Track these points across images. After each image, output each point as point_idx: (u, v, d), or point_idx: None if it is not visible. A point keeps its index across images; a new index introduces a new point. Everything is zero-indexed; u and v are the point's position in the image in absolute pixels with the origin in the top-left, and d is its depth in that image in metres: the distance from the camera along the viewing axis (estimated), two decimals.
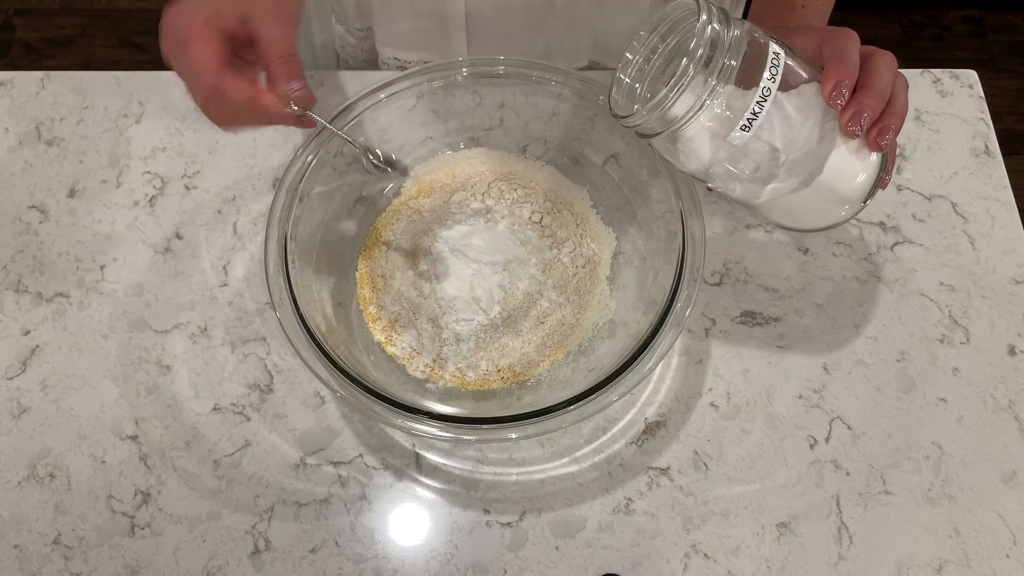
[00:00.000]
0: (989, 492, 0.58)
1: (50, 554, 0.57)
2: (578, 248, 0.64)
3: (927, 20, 1.75)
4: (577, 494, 0.58)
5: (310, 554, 0.57)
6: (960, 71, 0.73)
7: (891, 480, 0.59)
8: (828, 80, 0.48)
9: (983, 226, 0.67)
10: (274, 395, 0.61)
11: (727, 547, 0.57)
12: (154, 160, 0.70)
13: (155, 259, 0.66)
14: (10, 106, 0.72)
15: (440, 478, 0.59)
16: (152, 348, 0.63)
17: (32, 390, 0.62)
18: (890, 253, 0.66)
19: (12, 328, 0.64)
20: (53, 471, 0.59)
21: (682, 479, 0.59)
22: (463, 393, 0.60)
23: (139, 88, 0.73)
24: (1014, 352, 0.63)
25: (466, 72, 0.62)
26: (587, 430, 0.60)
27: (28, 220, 0.68)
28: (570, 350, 0.61)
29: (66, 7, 1.77)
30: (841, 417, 0.61)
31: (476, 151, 0.68)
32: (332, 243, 0.64)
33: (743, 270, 0.65)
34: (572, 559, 0.57)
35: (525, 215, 0.64)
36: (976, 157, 0.70)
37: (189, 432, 0.60)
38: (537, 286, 0.62)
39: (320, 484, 0.59)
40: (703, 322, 0.63)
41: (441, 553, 0.57)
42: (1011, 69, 1.70)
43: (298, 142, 0.70)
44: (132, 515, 0.58)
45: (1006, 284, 0.65)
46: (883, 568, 0.56)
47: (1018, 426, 0.60)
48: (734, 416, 0.61)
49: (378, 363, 0.60)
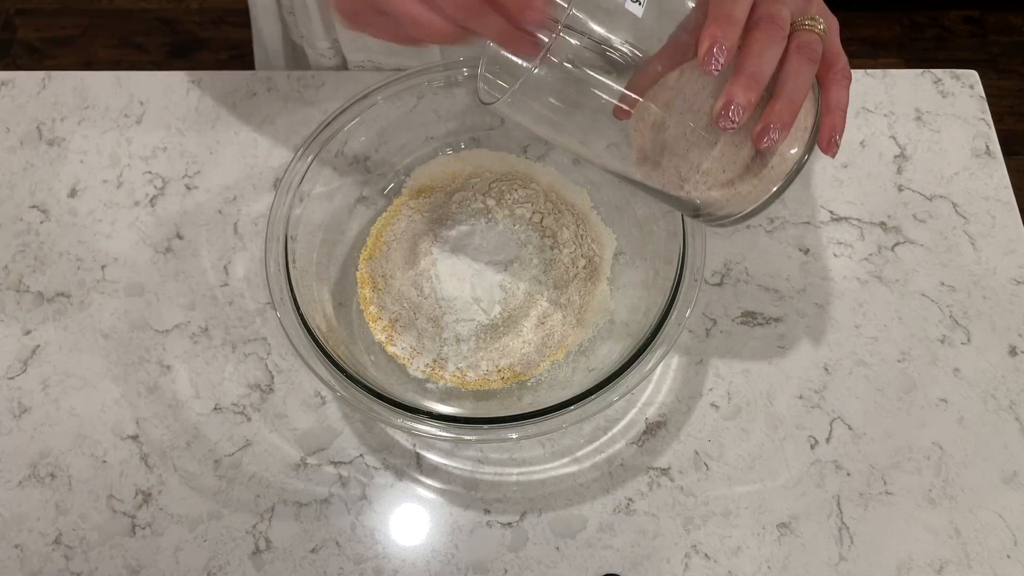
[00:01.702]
0: (990, 492, 0.58)
1: (51, 554, 0.57)
2: (578, 248, 0.64)
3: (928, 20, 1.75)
4: (578, 494, 0.58)
5: (311, 554, 0.57)
6: (961, 71, 0.73)
7: (892, 480, 0.59)
8: (702, 40, 0.41)
9: (984, 226, 0.67)
10: (275, 395, 0.61)
11: (728, 547, 0.57)
12: (155, 160, 0.70)
13: (156, 259, 0.66)
14: (11, 106, 0.72)
15: (441, 478, 0.59)
16: (153, 348, 0.63)
17: (33, 390, 0.62)
18: (891, 253, 0.66)
19: (13, 328, 0.64)
20: (54, 471, 0.59)
21: (683, 479, 0.59)
22: (463, 393, 0.60)
23: (140, 88, 0.73)
24: (1015, 352, 0.63)
25: (466, 72, 0.62)
26: (588, 430, 0.60)
27: (29, 220, 0.68)
28: (570, 350, 0.61)
29: (67, 7, 1.77)
30: (842, 417, 0.60)
31: (477, 151, 0.68)
32: (333, 243, 0.64)
33: (744, 270, 0.65)
34: (572, 559, 0.57)
35: (526, 215, 0.64)
36: (977, 157, 0.70)
37: (190, 432, 0.60)
38: (537, 286, 0.62)
39: (321, 484, 0.59)
40: (704, 322, 0.63)
41: (442, 553, 0.57)
42: (1012, 70, 1.70)
43: (298, 142, 0.70)
44: (133, 515, 0.58)
45: (1007, 284, 0.65)
46: (884, 568, 0.56)
47: (1019, 426, 0.60)
48: (735, 416, 0.61)
49: (378, 363, 0.60)
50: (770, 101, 0.43)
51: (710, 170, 0.46)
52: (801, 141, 0.45)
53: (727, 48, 0.41)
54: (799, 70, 0.43)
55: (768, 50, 0.43)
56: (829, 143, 0.45)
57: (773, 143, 0.42)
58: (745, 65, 0.42)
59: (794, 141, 0.45)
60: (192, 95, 0.72)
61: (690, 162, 0.46)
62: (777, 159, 0.45)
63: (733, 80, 0.42)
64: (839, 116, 0.46)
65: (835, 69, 0.46)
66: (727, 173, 0.46)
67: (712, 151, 0.45)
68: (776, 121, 0.42)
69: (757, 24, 0.43)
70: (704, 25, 0.42)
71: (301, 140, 0.69)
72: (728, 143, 0.45)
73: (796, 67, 0.43)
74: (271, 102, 0.72)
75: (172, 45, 1.74)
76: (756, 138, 0.43)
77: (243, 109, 0.71)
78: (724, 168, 0.45)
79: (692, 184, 0.46)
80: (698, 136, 0.45)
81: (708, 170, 0.46)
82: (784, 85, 0.43)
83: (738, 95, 0.41)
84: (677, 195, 0.47)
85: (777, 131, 0.42)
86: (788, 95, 0.43)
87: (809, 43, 0.44)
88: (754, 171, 0.45)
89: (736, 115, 0.41)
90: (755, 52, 0.42)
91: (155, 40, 1.74)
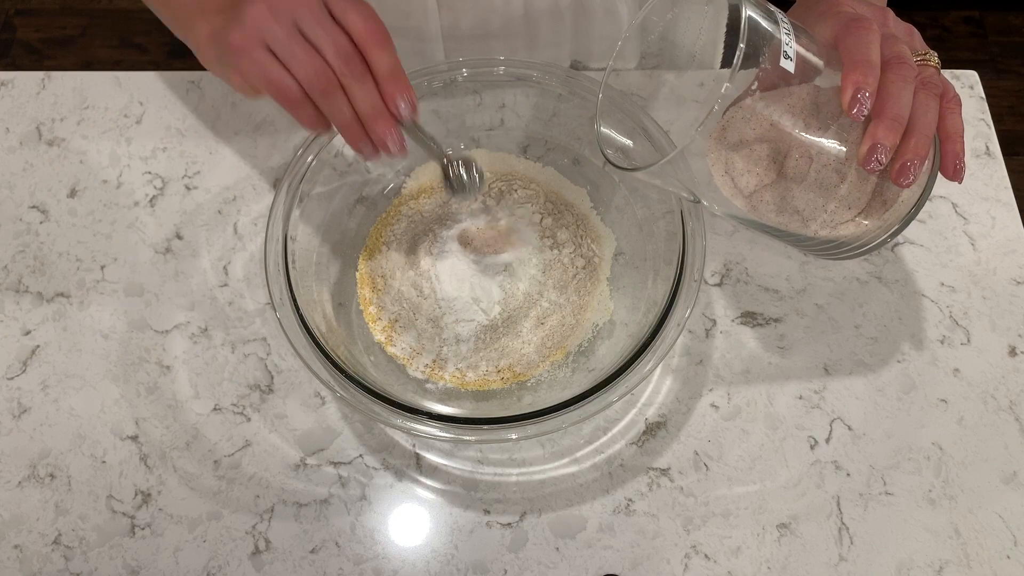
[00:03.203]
0: (990, 493, 0.58)
1: (50, 554, 0.57)
2: (578, 249, 0.64)
3: (928, 21, 1.75)
4: (577, 495, 0.58)
5: (310, 554, 0.57)
6: (961, 72, 0.73)
7: (892, 481, 0.59)
8: (846, 87, 0.43)
9: (984, 227, 0.67)
10: (274, 395, 0.61)
11: (727, 548, 0.57)
12: (155, 160, 0.70)
13: (155, 259, 0.66)
14: (11, 106, 0.72)
15: (440, 478, 0.59)
16: (152, 348, 0.63)
17: (32, 390, 0.62)
18: (891, 254, 0.66)
19: (12, 328, 0.64)
20: (53, 471, 0.59)
21: (682, 480, 0.59)
22: (463, 393, 0.60)
23: (140, 88, 0.73)
24: (1015, 353, 0.63)
25: (466, 73, 0.62)
26: (587, 431, 0.60)
27: (29, 220, 0.68)
28: (570, 351, 0.61)
29: (67, 7, 1.77)
30: (841, 418, 0.60)
31: (477, 152, 0.68)
32: (332, 243, 0.64)
33: (743, 271, 0.65)
34: (572, 559, 0.57)
35: (526, 215, 0.64)
36: (977, 158, 0.70)
37: (189, 432, 0.60)
38: (537, 287, 0.62)
39: (320, 484, 0.59)
40: (704, 323, 0.63)
41: (441, 553, 0.57)
42: (1012, 70, 1.70)
43: (298, 143, 0.70)
44: (132, 515, 0.58)
45: (1007, 285, 0.65)
46: (884, 569, 0.56)
47: (1019, 427, 0.60)
48: (734, 417, 0.61)
49: (378, 363, 0.60)
50: (904, 138, 0.44)
51: (837, 209, 0.46)
52: (924, 174, 0.47)
53: (870, 93, 0.43)
54: (928, 107, 0.45)
55: (904, 92, 0.44)
56: (955, 170, 0.47)
57: (914, 179, 0.44)
58: (886, 108, 0.43)
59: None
60: (192, 95, 0.72)
61: (815, 202, 0.46)
62: (906, 194, 0.46)
63: (876, 123, 0.43)
64: (960, 143, 0.47)
65: (948, 98, 0.48)
66: (853, 210, 0.46)
67: (839, 191, 0.46)
68: (914, 157, 0.44)
69: (889, 66, 0.45)
70: (844, 71, 0.43)
71: (301, 140, 0.69)
72: (855, 181, 0.46)
73: (925, 104, 0.45)
74: (271, 102, 0.71)
75: (172, 45, 1.74)
76: (896, 175, 0.44)
77: (243, 109, 0.71)
78: (850, 205, 0.46)
79: (819, 223, 0.47)
80: (825, 175, 0.45)
81: (835, 209, 0.46)
82: (916, 122, 0.44)
83: (884, 137, 0.43)
84: (801, 233, 0.48)
85: (916, 166, 0.44)
86: (921, 131, 0.44)
87: (931, 79, 0.46)
88: (883, 206, 0.47)
89: (883, 156, 0.43)
90: (894, 95, 0.44)
91: (155, 40, 1.74)
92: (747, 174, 0.46)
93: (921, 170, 0.44)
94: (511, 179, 0.66)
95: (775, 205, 0.47)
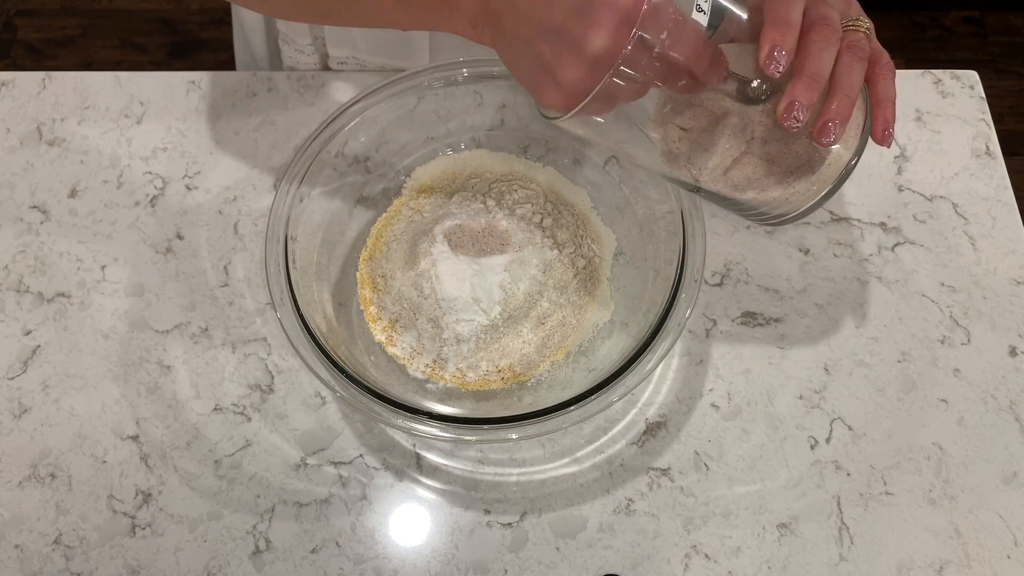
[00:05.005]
0: (990, 493, 0.58)
1: (51, 554, 0.57)
2: (578, 249, 0.64)
3: (928, 21, 1.75)
4: (578, 494, 0.58)
5: (311, 554, 0.57)
6: (961, 72, 0.73)
7: (892, 481, 0.59)
8: (763, 44, 0.42)
9: (984, 227, 0.67)
10: (275, 395, 0.61)
11: (728, 548, 0.57)
12: (155, 160, 0.70)
13: (156, 259, 0.66)
14: (11, 106, 0.72)
15: (441, 478, 0.59)
16: (153, 348, 0.63)
17: (33, 390, 0.62)
18: (891, 254, 0.66)
19: (13, 328, 0.64)
20: (54, 471, 0.59)
21: (683, 480, 0.59)
22: (463, 393, 0.60)
23: (140, 88, 0.73)
24: (1015, 353, 0.63)
25: (467, 72, 0.62)
26: (588, 431, 0.60)
27: (29, 220, 0.68)
28: (570, 351, 0.61)
29: (67, 7, 1.77)
30: (842, 418, 0.60)
31: (477, 152, 0.68)
32: (333, 243, 0.64)
33: (744, 271, 0.65)
34: (573, 559, 0.57)
35: (526, 216, 0.64)
36: (977, 158, 0.70)
37: (190, 432, 0.60)
38: (537, 287, 0.62)
39: (321, 484, 0.59)
40: (704, 322, 0.63)
41: (442, 553, 0.57)
42: (1012, 70, 1.70)
43: (298, 142, 0.70)
44: (133, 515, 0.58)
45: (1007, 285, 0.65)
46: (884, 569, 0.56)
47: (1019, 427, 0.60)
48: (735, 417, 0.61)
49: (379, 363, 0.60)
50: (827, 98, 0.44)
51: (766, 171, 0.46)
52: (855, 137, 0.46)
53: (787, 51, 0.42)
54: (851, 68, 0.45)
55: (825, 51, 0.44)
56: (883, 135, 0.47)
57: (835, 138, 0.44)
58: (805, 66, 0.43)
59: (848, 138, 0.46)
60: (192, 95, 0.72)
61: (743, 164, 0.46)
62: (833, 156, 0.46)
63: (794, 80, 0.43)
64: (890, 108, 0.47)
65: (880, 64, 0.48)
66: (782, 173, 0.46)
67: (765, 150, 0.46)
68: (836, 116, 0.43)
69: (812, 26, 0.44)
70: (763, 29, 0.43)
71: (301, 140, 0.69)
72: (783, 143, 0.46)
73: (848, 65, 0.45)
74: (271, 102, 0.72)
75: (172, 45, 1.74)
76: (817, 134, 0.44)
77: (243, 109, 0.71)
78: (780, 169, 0.46)
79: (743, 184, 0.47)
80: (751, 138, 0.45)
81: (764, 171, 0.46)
82: (839, 83, 0.44)
83: (801, 94, 0.43)
84: (731, 196, 0.48)
85: (838, 126, 0.43)
86: (844, 91, 0.44)
87: (858, 42, 0.46)
88: (810, 170, 0.46)
89: (800, 113, 0.42)
90: (813, 53, 0.43)
91: (155, 40, 1.74)
92: (682, 139, 0.47)
93: (843, 131, 0.44)
94: (511, 179, 0.66)
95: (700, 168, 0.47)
